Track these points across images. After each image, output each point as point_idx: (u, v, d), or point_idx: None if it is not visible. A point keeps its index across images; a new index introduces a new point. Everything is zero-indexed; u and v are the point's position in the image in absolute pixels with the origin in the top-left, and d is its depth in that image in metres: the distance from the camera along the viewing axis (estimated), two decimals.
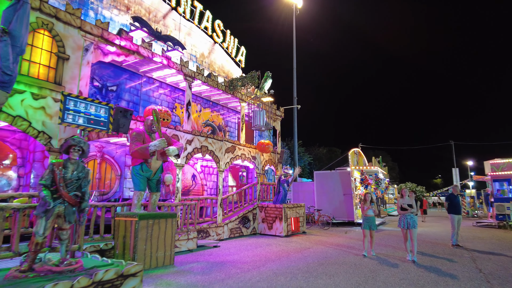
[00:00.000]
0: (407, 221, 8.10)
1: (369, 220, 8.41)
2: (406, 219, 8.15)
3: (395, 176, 51.92)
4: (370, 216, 8.38)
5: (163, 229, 7.49)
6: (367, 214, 8.39)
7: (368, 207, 8.31)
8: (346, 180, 17.79)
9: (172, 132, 9.97)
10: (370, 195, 8.44)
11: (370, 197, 8.45)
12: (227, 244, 10.72)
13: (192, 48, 13.68)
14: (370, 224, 8.42)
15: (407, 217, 8.15)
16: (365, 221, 8.52)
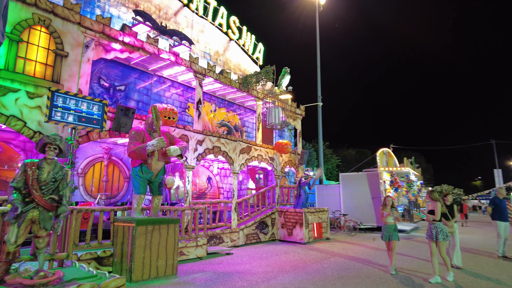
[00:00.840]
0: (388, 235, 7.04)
1: (388, 228, 7.09)
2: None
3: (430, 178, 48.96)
4: (390, 224, 7.05)
5: (164, 236, 6.88)
6: (387, 221, 7.06)
7: (388, 213, 6.97)
8: (374, 182, 16.54)
9: (181, 132, 9.43)
10: (390, 198, 7.11)
11: (391, 202, 7.11)
12: (241, 251, 9.98)
13: (205, 45, 13.17)
14: (390, 233, 7.08)
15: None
16: (384, 229, 7.17)
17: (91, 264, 6.47)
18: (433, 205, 6.59)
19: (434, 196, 6.65)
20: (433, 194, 6.70)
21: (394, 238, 7.12)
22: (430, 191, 6.77)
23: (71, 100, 5.82)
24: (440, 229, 6.46)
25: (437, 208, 6.48)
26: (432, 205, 6.63)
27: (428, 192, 6.82)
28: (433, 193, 6.72)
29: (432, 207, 6.59)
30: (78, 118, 5.98)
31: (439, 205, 6.53)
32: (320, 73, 21.25)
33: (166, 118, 8.38)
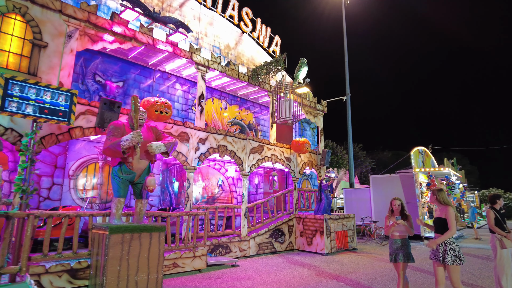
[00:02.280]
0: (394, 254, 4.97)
1: (395, 244, 4.94)
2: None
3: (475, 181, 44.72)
4: (396, 238, 4.94)
5: (146, 246, 5.92)
6: (394, 234, 4.96)
7: (395, 222, 4.85)
8: (409, 185, 14.72)
9: (180, 129, 8.53)
10: (398, 201, 5.03)
11: (400, 205, 4.99)
12: (249, 263, 8.84)
13: (214, 39, 12.29)
14: (397, 251, 4.89)
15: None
16: (389, 246, 5.10)
17: (62, 278, 5.66)
18: (443, 211, 4.52)
19: (442, 197, 4.60)
20: (441, 195, 4.61)
21: (405, 259, 4.86)
22: (437, 190, 4.64)
23: (30, 89, 5.06)
24: (451, 247, 4.38)
25: (450, 215, 4.41)
26: (441, 210, 4.57)
27: (433, 192, 4.70)
28: (441, 193, 4.63)
29: (442, 213, 4.52)
30: (40, 110, 5.21)
31: (452, 211, 4.43)
32: (348, 68, 19.71)
33: (157, 112, 7.50)
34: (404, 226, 4.87)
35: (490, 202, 6.53)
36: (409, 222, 4.95)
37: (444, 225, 4.48)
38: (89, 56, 9.08)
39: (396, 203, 5.05)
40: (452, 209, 4.43)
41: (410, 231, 4.93)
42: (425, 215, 14.69)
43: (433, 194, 4.74)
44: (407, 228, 4.90)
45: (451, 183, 14.88)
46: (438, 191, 4.67)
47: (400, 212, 4.98)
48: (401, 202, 5.06)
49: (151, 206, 9.70)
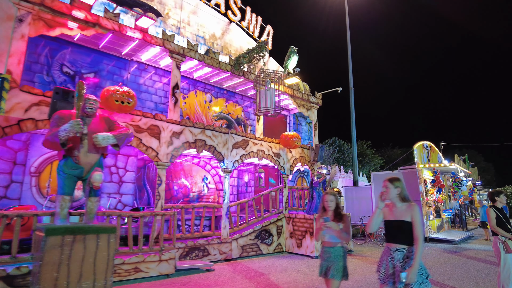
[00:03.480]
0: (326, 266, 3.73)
1: (326, 253, 3.77)
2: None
3: (490, 178, 42.76)
4: (328, 246, 3.76)
5: (91, 249, 5.24)
6: (325, 239, 3.81)
7: (322, 225, 3.68)
8: (413, 182, 13.70)
9: (150, 121, 7.87)
10: (333, 197, 3.84)
11: (333, 201, 3.81)
12: (228, 267, 8.11)
13: (198, 28, 11.59)
14: (329, 263, 3.69)
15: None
16: (321, 255, 3.86)
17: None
18: (405, 210, 3.23)
19: (403, 190, 3.29)
20: (401, 186, 3.29)
21: (335, 275, 3.61)
22: (394, 179, 3.32)
23: None
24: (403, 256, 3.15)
25: (418, 217, 3.17)
26: (400, 210, 3.25)
27: (389, 181, 3.32)
28: (400, 183, 3.31)
29: (403, 214, 3.21)
30: None
31: (419, 210, 3.23)
32: (351, 61, 18.77)
33: (118, 103, 6.84)
34: (335, 230, 3.65)
35: (490, 200, 5.63)
36: (345, 225, 3.74)
37: (408, 231, 3.14)
38: (56, 46, 8.52)
39: (328, 198, 3.84)
40: (418, 208, 3.25)
41: (343, 237, 3.69)
42: (430, 214, 13.67)
43: (389, 186, 3.29)
44: (339, 233, 3.67)
45: (458, 179, 13.81)
46: (395, 180, 3.31)
47: (334, 211, 3.80)
48: (335, 197, 3.87)
49: (124, 206, 9.08)
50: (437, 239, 12.98)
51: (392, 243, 3.25)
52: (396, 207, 3.29)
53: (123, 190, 9.10)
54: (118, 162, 9.09)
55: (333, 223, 3.68)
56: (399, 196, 3.29)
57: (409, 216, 3.19)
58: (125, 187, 9.15)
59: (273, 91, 9.02)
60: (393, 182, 3.32)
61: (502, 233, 5.26)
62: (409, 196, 3.32)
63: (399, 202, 3.29)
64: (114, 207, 8.89)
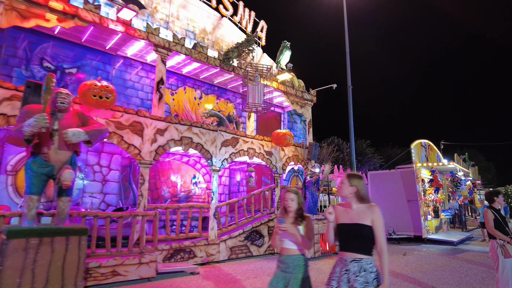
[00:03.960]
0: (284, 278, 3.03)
1: (283, 264, 3.09)
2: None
3: (491, 178, 42.30)
4: (286, 253, 3.10)
5: (60, 252, 4.93)
6: (284, 245, 3.11)
7: (278, 228, 3.03)
8: (410, 181, 13.36)
9: (133, 118, 7.53)
10: (294, 195, 3.17)
11: (296, 202, 3.16)
12: (215, 270, 7.78)
13: (188, 23, 11.24)
14: (287, 275, 3.02)
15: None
16: (277, 264, 3.18)
17: None
18: (363, 212, 2.68)
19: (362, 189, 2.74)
20: (360, 184, 2.76)
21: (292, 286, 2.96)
22: (352, 176, 2.80)
23: None
24: (374, 277, 2.54)
25: (381, 222, 2.65)
26: (358, 211, 2.70)
27: (346, 178, 2.79)
28: (359, 181, 2.78)
29: (361, 217, 2.66)
30: None
31: (381, 213, 2.68)
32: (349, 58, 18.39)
33: (96, 97, 6.50)
34: (294, 235, 3.00)
35: (488, 200, 5.27)
36: (307, 228, 3.07)
37: (368, 238, 2.59)
38: (36, 39, 8.19)
39: (288, 196, 3.18)
40: (380, 210, 2.68)
41: (303, 243, 3.00)
42: (428, 214, 13.31)
43: (345, 182, 2.77)
44: (299, 239, 2.99)
45: (457, 179, 13.44)
46: (353, 177, 2.78)
47: (296, 212, 3.15)
48: (297, 196, 3.18)
49: (108, 206, 8.75)
50: (435, 240, 12.62)
51: (346, 251, 2.66)
52: (352, 208, 2.73)
53: (107, 189, 8.77)
54: (102, 160, 8.76)
55: (289, 226, 3.04)
56: (355, 196, 2.73)
57: (369, 219, 2.62)
58: (109, 186, 8.82)
59: (261, 87, 8.68)
60: (350, 178, 2.81)
61: (501, 237, 4.91)
62: (368, 197, 2.80)
63: (356, 203, 2.73)
64: (97, 207, 8.57)
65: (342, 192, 2.81)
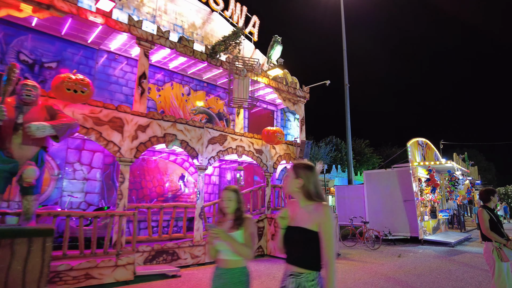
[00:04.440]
0: None
1: (217, 277, 2.57)
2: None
3: (491, 178, 41.88)
4: (222, 266, 2.58)
5: (21, 255, 4.58)
6: (221, 256, 2.61)
7: (211, 233, 2.48)
8: (406, 181, 13.00)
9: (112, 113, 7.18)
10: (232, 194, 2.67)
11: (235, 202, 2.65)
12: (199, 272, 7.43)
13: (176, 17, 10.89)
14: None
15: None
16: (212, 280, 2.61)
17: None
18: (310, 213, 2.13)
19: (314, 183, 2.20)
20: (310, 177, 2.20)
21: None
22: (303, 166, 2.25)
23: None
24: (298, 286, 2.06)
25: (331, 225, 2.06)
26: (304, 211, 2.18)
27: (293, 169, 2.28)
28: (310, 173, 2.22)
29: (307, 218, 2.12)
30: None
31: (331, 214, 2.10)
32: (346, 56, 18.09)
33: (70, 91, 6.16)
34: (231, 242, 2.48)
35: (482, 199, 4.91)
36: (246, 234, 2.57)
37: (312, 247, 2.06)
38: (13, 32, 7.85)
39: (225, 195, 2.67)
40: (331, 211, 2.12)
41: (241, 252, 2.48)
42: (424, 215, 12.95)
43: (290, 174, 2.26)
44: (235, 246, 2.47)
45: (455, 178, 13.07)
46: (300, 168, 2.22)
47: (234, 214, 2.64)
48: (236, 195, 2.68)
49: (89, 205, 8.41)
50: (432, 241, 12.25)
51: (288, 263, 2.18)
52: (299, 209, 2.21)
53: (88, 188, 8.44)
54: (83, 158, 8.43)
55: (221, 232, 2.46)
56: (301, 191, 2.17)
57: (314, 223, 2.05)
58: (90, 185, 8.48)
59: (247, 81, 8.32)
60: (295, 169, 2.23)
61: (497, 239, 4.55)
62: (320, 193, 2.18)
63: (303, 200, 2.19)
64: (77, 206, 8.22)
65: (287, 187, 2.28)
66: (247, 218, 2.67)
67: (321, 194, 2.20)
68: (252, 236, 2.61)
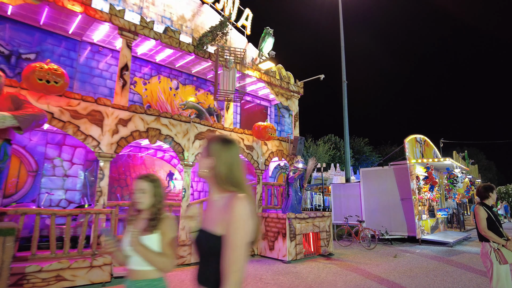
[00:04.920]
0: None
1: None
2: None
3: (492, 177, 41.42)
4: (132, 277, 2.09)
5: None
6: (130, 265, 2.11)
7: (106, 244, 2.10)
8: (404, 178, 12.63)
9: (91, 106, 6.83)
10: (145, 185, 2.12)
11: (150, 195, 2.11)
12: (183, 273, 7.08)
13: (165, 9, 10.51)
14: None
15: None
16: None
17: None
18: (220, 209, 1.57)
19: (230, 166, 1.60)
20: (210, 150, 1.64)
21: None
22: (210, 139, 1.70)
23: None
24: None
25: (240, 227, 1.45)
26: (214, 207, 1.62)
27: (205, 149, 1.69)
28: (212, 146, 1.65)
29: (216, 218, 1.56)
30: None
31: (246, 210, 1.49)
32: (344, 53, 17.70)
33: (42, 81, 5.79)
34: (141, 249, 2.01)
35: (480, 196, 4.54)
36: (164, 238, 2.10)
37: (218, 257, 1.47)
38: None
39: (137, 186, 2.17)
40: (246, 206, 1.48)
41: (152, 260, 2.02)
42: (422, 214, 12.57)
43: (202, 152, 1.69)
44: (145, 254, 2.01)
45: (453, 176, 12.69)
46: (213, 143, 1.65)
47: (150, 212, 2.15)
48: (152, 186, 2.16)
49: (70, 203, 8.05)
50: (430, 241, 11.88)
51: (196, 279, 1.60)
52: (210, 202, 1.66)
53: (69, 185, 8.08)
54: (63, 153, 8.07)
55: (133, 235, 2.00)
56: (214, 177, 1.58)
57: (222, 224, 1.49)
58: (71, 182, 8.12)
59: (234, 72, 7.93)
60: (208, 145, 1.65)
61: (495, 239, 4.18)
62: (237, 180, 1.58)
63: (215, 190, 1.62)
64: (57, 204, 7.87)
65: (198, 170, 1.68)
66: (166, 218, 2.15)
67: (238, 181, 1.57)
68: (172, 242, 2.11)
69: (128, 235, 2.04)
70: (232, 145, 1.65)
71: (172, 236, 2.12)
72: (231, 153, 1.62)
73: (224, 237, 1.45)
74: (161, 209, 2.18)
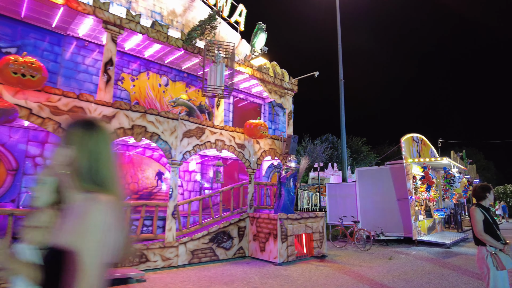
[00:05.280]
0: None
1: None
2: None
3: (490, 177, 41.21)
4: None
5: None
6: None
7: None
8: (400, 178, 12.36)
9: (73, 102, 6.56)
10: (46, 179, 1.23)
11: (54, 192, 1.22)
12: (168, 276, 6.80)
13: (154, 3, 10.21)
14: None
15: None
16: None
17: None
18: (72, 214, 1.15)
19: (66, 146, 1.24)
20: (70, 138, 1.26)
21: None
22: (69, 126, 1.31)
23: None
24: None
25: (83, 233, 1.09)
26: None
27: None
28: (74, 132, 1.27)
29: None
30: None
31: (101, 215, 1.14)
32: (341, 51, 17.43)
33: (17, 75, 5.51)
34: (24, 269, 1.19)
35: (477, 197, 4.27)
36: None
37: (56, 274, 1.09)
38: None
39: (38, 179, 1.33)
40: (103, 211, 1.14)
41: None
42: (419, 214, 12.31)
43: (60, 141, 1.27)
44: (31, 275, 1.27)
45: (450, 175, 12.43)
46: (81, 127, 1.25)
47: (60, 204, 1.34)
48: (57, 181, 1.26)
49: None
50: (426, 242, 11.62)
51: None
52: (69, 208, 1.19)
53: None
54: (46, 151, 7.78)
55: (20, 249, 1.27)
56: (74, 173, 1.21)
57: (70, 234, 1.10)
58: None
59: (222, 67, 7.65)
60: (67, 131, 1.27)
61: (491, 243, 3.91)
62: (103, 177, 1.23)
63: (76, 192, 1.19)
64: None
65: (52, 165, 1.27)
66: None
67: (104, 179, 1.22)
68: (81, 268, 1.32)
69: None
70: (100, 130, 1.27)
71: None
72: (98, 141, 1.24)
73: (71, 255, 1.05)
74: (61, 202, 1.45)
